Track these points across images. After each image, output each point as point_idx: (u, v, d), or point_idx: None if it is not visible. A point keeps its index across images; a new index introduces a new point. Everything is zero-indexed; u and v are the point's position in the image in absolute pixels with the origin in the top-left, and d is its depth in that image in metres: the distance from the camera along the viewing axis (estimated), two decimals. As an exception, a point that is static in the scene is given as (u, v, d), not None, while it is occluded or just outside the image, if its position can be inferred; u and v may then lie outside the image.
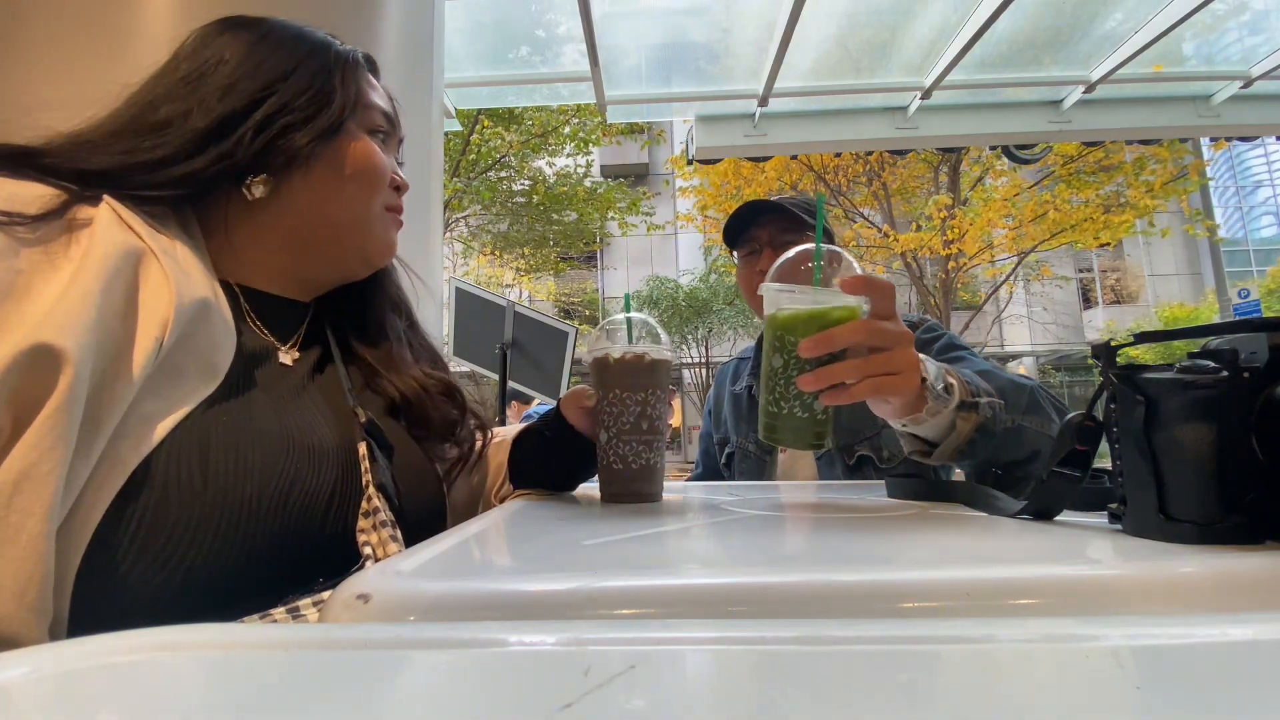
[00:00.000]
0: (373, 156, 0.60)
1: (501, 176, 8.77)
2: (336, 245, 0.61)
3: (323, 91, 0.57)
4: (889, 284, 0.62)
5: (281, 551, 0.46)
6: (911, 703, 0.19)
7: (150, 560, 0.40)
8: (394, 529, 0.53)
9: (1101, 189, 7.02)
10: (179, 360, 0.45)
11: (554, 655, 0.22)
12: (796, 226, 1.14)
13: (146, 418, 0.42)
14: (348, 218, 0.60)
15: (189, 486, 0.42)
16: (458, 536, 0.45)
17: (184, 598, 0.41)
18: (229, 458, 0.45)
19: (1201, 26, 2.54)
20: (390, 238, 0.64)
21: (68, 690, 0.20)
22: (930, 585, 0.31)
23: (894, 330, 0.60)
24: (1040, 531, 0.45)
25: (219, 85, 0.54)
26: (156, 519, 0.41)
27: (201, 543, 0.42)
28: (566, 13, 2.37)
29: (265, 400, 0.51)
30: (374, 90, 0.63)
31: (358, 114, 0.60)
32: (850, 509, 0.60)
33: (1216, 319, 10.04)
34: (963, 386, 0.68)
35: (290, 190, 0.57)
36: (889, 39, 2.44)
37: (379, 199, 0.61)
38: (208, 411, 0.46)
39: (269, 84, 0.55)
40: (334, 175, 0.58)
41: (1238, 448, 0.38)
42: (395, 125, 0.65)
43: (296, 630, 0.25)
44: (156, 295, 0.44)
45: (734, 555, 0.42)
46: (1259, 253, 18.45)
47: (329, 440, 0.53)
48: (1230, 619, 0.25)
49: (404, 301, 0.73)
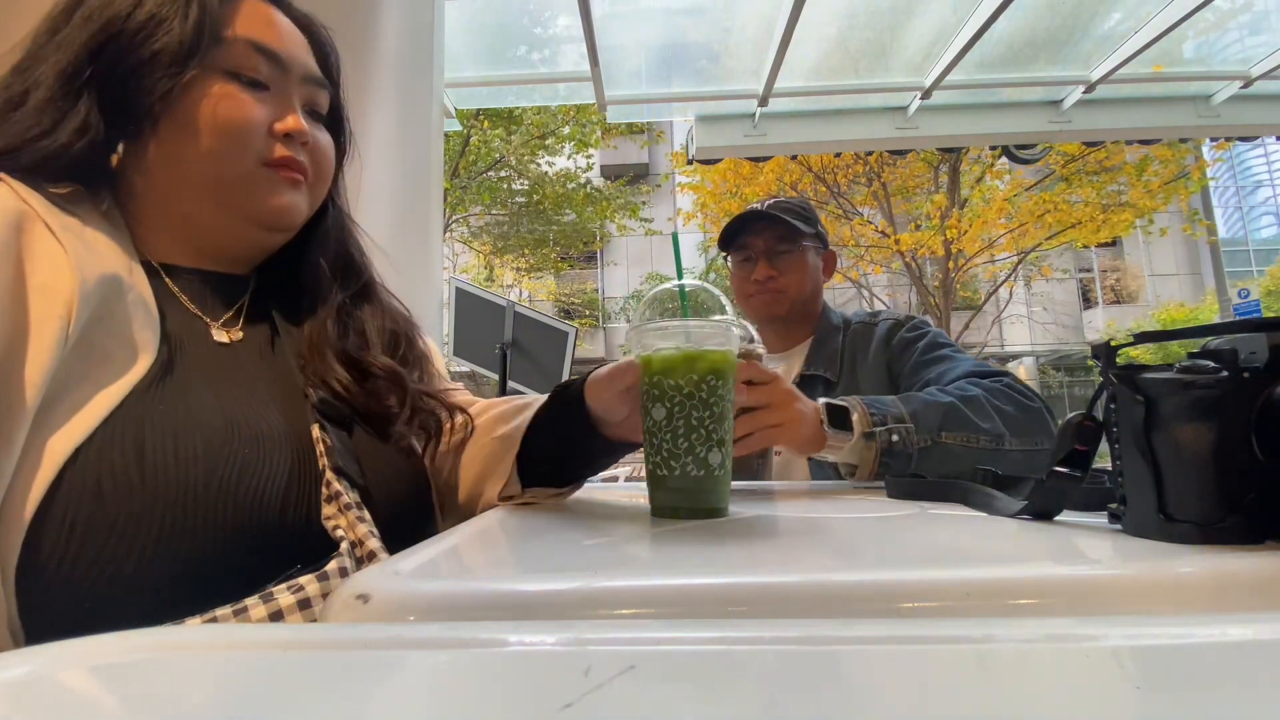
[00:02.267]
0: (220, 105, 0.50)
1: (501, 177, 8.77)
2: (214, 210, 0.53)
3: (160, 29, 0.48)
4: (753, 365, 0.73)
5: (238, 544, 0.43)
6: (911, 703, 0.19)
7: (91, 558, 0.38)
8: (360, 510, 0.49)
9: (1102, 189, 7.02)
10: (98, 341, 0.42)
11: (554, 655, 0.22)
12: (791, 236, 1.16)
13: (74, 405, 0.40)
14: (207, 179, 0.51)
15: (125, 478, 0.40)
16: (458, 536, 0.45)
17: (136, 595, 0.39)
18: (168, 445, 0.42)
19: (1201, 27, 2.54)
20: (280, 198, 0.54)
21: (68, 690, 0.20)
22: (930, 585, 0.31)
23: (773, 390, 0.73)
24: (1040, 531, 0.45)
25: (66, 38, 0.47)
26: (94, 514, 0.38)
27: (146, 537, 0.39)
28: (566, 13, 2.38)
29: (204, 384, 0.48)
30: (247, 19, 0.53)
31: (207, 53, 0.50)
32: (850, 509, 0.60)
33: (1216, 319, 10.04)
34: (863, 419, 0.78)
35: (146, 153, 0.50)
36: (889, 39, 2.45)
37: (243, 155, 0.52)
38: (142, 397, 0.43)
39: (108, 27, 0.47)
40: (181, 133, 0.49)
41: (1238, 448, 0.38)
42: (286, 62, 0.54)
43: (296, 630, 0.25)
44: (53, 274, 0.41)
45: (734, 555, 0.42)
46: (1259, 253, 18.45)
47: (278, 424, 0.49)
48: (1230, 619, 0.25)
49: (354, 267, 0.64)
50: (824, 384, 1.10)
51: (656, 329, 0.53)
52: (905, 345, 1.07)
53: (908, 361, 1.05)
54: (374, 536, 0.48)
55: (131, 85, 0.48)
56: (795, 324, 1.20)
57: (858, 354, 1.12)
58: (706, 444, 0.51)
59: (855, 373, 1.10)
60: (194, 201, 0.52)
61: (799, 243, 1.18)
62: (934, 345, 1.05)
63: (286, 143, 0.54)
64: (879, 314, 1.18)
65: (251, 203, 0.53)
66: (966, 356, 1.02)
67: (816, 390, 1.09)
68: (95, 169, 0.49)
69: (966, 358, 1.01)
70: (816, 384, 1.11)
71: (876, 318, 1.16)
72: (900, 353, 1.07)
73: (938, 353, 1.03)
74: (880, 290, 12.33)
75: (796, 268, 1.17)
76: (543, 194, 8.92)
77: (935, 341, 1.06)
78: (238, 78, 0.52)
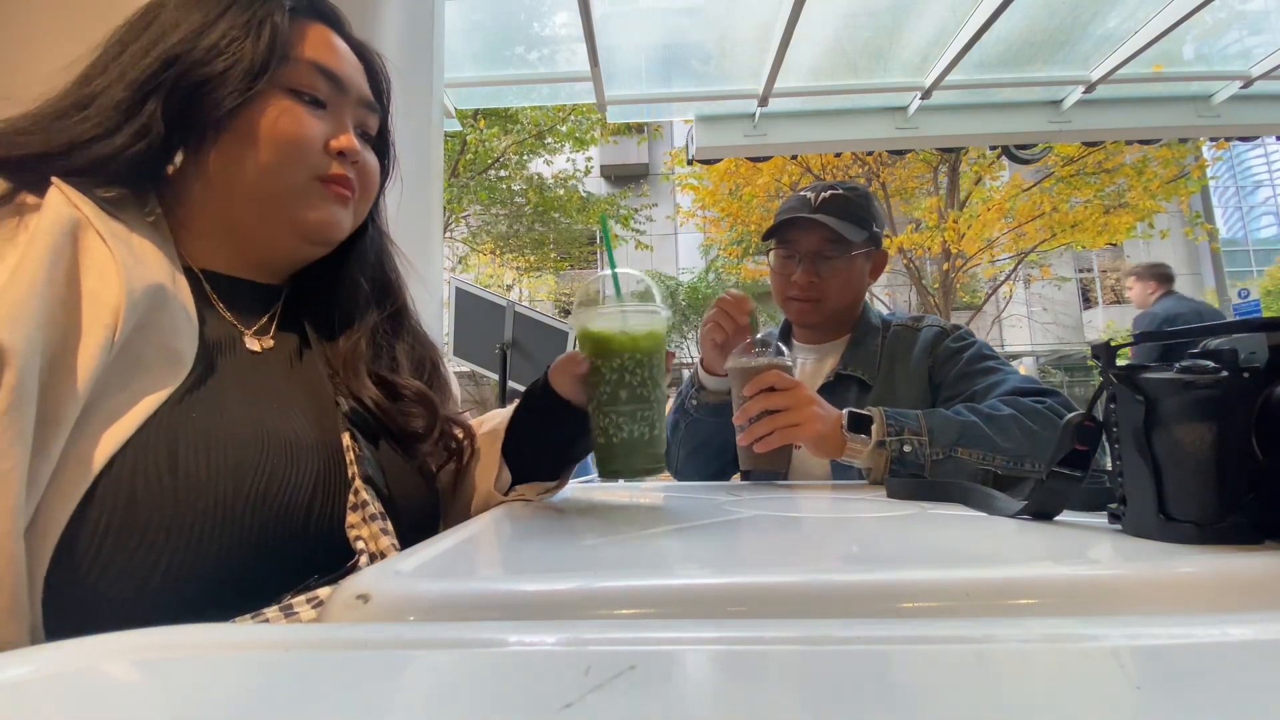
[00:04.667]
0: (282, 121, 0.52)
1: (501, 177, 8.76)
2: (265, 222, 0.54)
3: (232, 48, 0.50)
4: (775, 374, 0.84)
5: (265, 552, 0.44)
6: (911, 703, 0.19)
7: (121, 566, 0.39)
8: (384, 521, 0.51)
9: (1102, 189, 7.01)
10: (138, 350, 0.43)
11: (554, 655, 0.22)
12: (841, 241, 1.07)
13: (110, 414, 0.40)
14: (262, 191, 0.53)
15: (158, 487, 0.40)
16: (458, 536, 0.45)
17: (162, 604, 0.40)
18: (200, 456, 0.43)
19: (1201, 27, 2.54)
20: (327, 213, 0.56)
21: (68, 690, 0.20)
22: (930, 585, 0.31)
23: (794, 395, 0.83)
24: (1040, 531, 0.45)
25: (137, 51, 0.49)
26: (125, 522, 0.39)
27: (175, 546, 0.40)
28: (566, 12, 2.37)
29: (237, 392, 0.49)
30: (311, 42, 0.55)
31: (275, 72, 0.52)
32: (850, 509, 0.60)
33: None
34: (880, 428, 0.84)
35: (206, 163, 0.51)
36: (889, 39, 2.44)
37: (299, 170, 0.54)
38: (176, 406, 0.43)
39: (182, 43, 0.49)
40: (242, 144, 0.51)
41: (1238, 448, 0.38)
42: (344, 84, 0.57)
43: (296, 630, 0.25)
44: (103, 282, 0.42)
45: (734, 555, 0.42)
46: (1259, 253, 18.45)
47: (308, 433, 0.50)
48: (1230, 619, 0.25)
49: (391, 289, 0.66)
50: (858, 385, 1.07)
51: (594, 313, 0.59)
52: (950, 355, 1.04)
53: (950, 371, 1.02)
54: (396, 550, 0.49)
55: (200, 97, 0.49)
56: (832, 325, 1.15)
57: (897, 358, 1.08)
58: (642, 409, 0.58)
59: (893, 376, 1.06)
60: (245, 211, 0.54)
61: (847, 252, 1.09)
62: (979, 357, 1.02)
63: (339, 160, 0.56)
64: (922, 319, 1.13)
65: (300, 215, 0.55)
66: (1013, 371, 1.01)
67: (850, 391, 1.06)
68: (146, 174, 0.51)
69: (1014, 372, 1.00)
70: (850, 384, 1.07)
71: (920, 323, 1.12)
72: (944, 362, 1.04)
73: (983, 364, 1.01)
74: (880, 290, 12.33)
75: (840, 276, 1.10)
76: (540, 198, 8.89)
77: (981, 353, 1.03)
78: (299, 95, 0.54)
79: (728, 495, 0.72)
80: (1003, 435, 0.84)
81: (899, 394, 1.02)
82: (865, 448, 0.84)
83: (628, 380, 0.58)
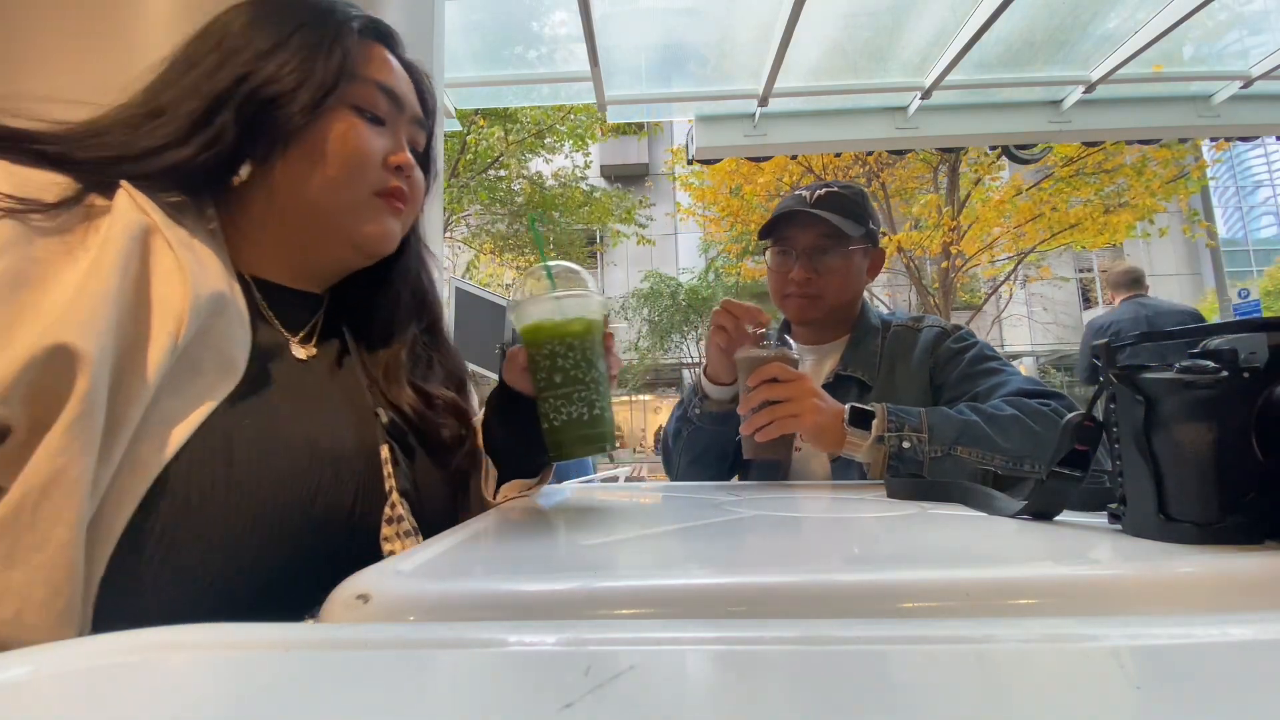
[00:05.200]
0: (349, 136, 0.54)
1: (500, 176, 8.76)
2: (323, 233, 0.56)
3: (304, 66, 0.52)
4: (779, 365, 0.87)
5: (308, 561, 0.45)
6: (911, 703, 0.19)
7: (174, 569, 0.39)
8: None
9: (1102, 189, 7.00)
10: (196, 355, 0.44)
11: (554, 655, 0.22)
12: (837, 236, 1.07)
13: (166, 418, 0.41)
14: (325, 204, 0.55)
15: (213, 494, 0.41)
16: (458, 536, 0.45)
17: (204, 608, 0.40)
18: (253, 464, 0.44)
19: (1201, 27, 2.53)
20: (382, 226, 0.58)
21: (68, 690, 0.20)
22: (930, 585, 0.31)
23: (795, 387, 0.85)
24: (1040, 531, 0.45)
25: (210, 66, 0.51)
26: (181, 527, 0.40)
27: (226, 552, 0.41)
28: (566, 12, 2.37)
29: (286, 400, 0.50)
30: (372, 61, 0.57)
31: (343, 89, 0.54)
32: (850, 509, 0.60)
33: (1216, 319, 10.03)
34: (881, 423, 0.84)
35: (272, 174, 0.53)
36: (889, 39, 2.44)
37: (361, 184, 0.56)
38: (229, 412, 0.44)
39: (254, 61, 0.52)
40: (309, 158, 0.54)
41: (1238, 448, 0.38)
42: (401, 102, 0.59)
43: (296, 630, 0.25)
44: (170, 288, 0.43)
45: (734, 555, 0.42)
46: (1259, 253, 18.44)
47: (350, 443, 0.52)
48: (1230, 619, 0.25)
49: (428, 301, 0.68)
50: (858, 386, 1.06)
51: (521, 306, 0.60)
52: (951, 356, 1.04)
53: (952, 372, 1.02)
54: None
55: (270, 112, 0.51)
56: (830, 323, 1.14)
57: (897, 359, 1.07)
58: (579, 390, 0.59)
59: (893, 378, 1.05)
60: (305, 221, 0.55)
61: (845, 246, 1.08)
62: (982, 358, 1.02)
63: (396, 174, 0.58)
64: (922, 319, 1.13)
65: (357, 228, 0.57)
66: (1016, 371, 1.00)
67: (850, 392, 1.05)
68: (211, 183, 0.52)
69: (1016, 373, 0.99)
70: (851, 386, 1.06)
71: (920, 323, 1.11)
72: (945, 363, 1.03)
73: (986, 365, 1.00)
74: (880, 290, 12.33)
75: (838, 271, 1.09)
76: (541, 197, 8.88)
77: (983, 354, 1.02)
78: (362, 112, 0.56)
79: (728, 495, 0.72)
80: (1003, 435, 0.84)
81: (899, 395, 1.02)
82: (865, 442, 0.84)
83: (560, 364, 0.59)
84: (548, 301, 0.60)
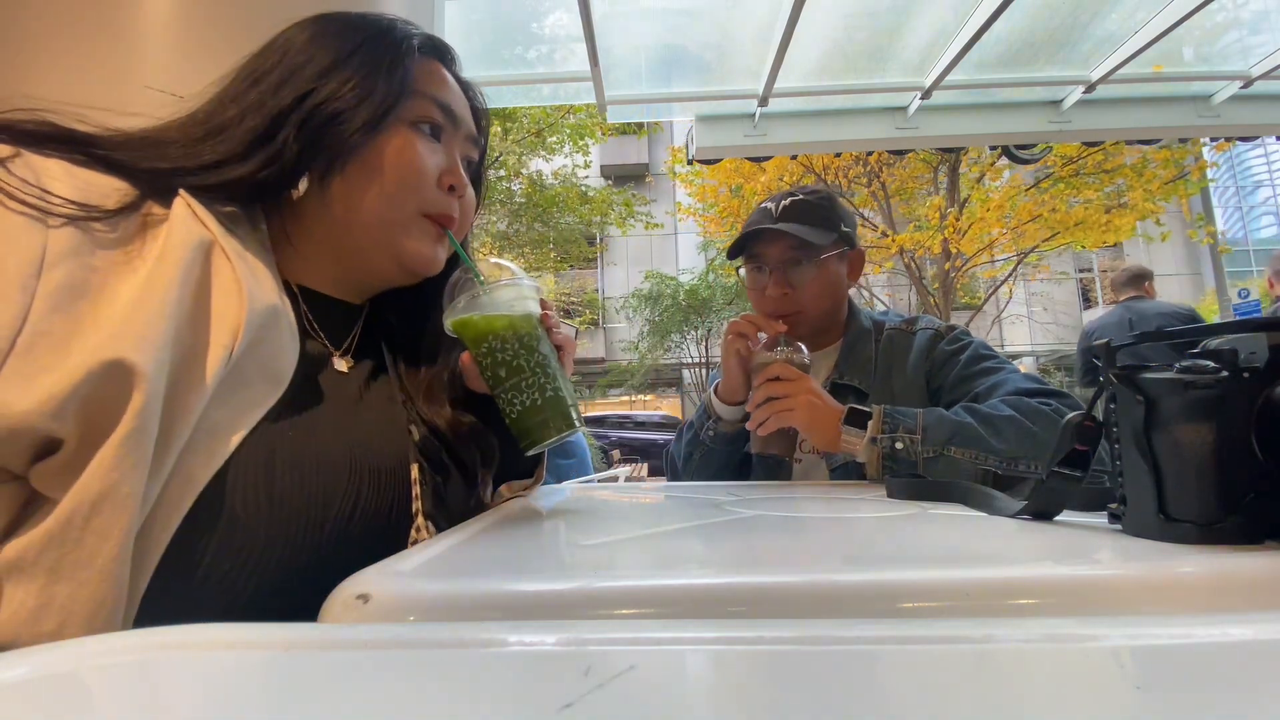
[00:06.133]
0: (405, 151, 0.54)
1: (500, 176, 8.75)
2: (371, 246, 0.56)
3: (365, 83, 0.52)
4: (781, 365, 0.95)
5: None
6: (911, 703, 0.19)
7: (216, 585, 0.40)
8: None
9: (1102, 189, 7.00)
10: (244, 367, 0.43)
11: (554, 655, 0.22)
12: (806, 247, 1.06)
13: (213, 429, 0.41)
14: (373, 220, 0.54)
15: (255, 508, 0.42)
16: (457, 536, 0.45)
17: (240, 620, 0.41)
18: (295, 479, 0.44)
19: (1201, 27, 2.53)
20: (424, 249, 0.57)
21: (68, 690, 0.20)
22: (930, 585, 0.31)
23: (795, 386, 0.92)
24: (1040, 531, 0.45)
25: (273, 83, 0.52)
26: (225, 540, 0.40)
27: (267, 565, 0.41)
28: (566, 12, 2.37)
29: (328, 414, 0.50)
30: (430, 78, 0.57)
31: (401, 106, 0.54)
32: (850, 509, 0.60)
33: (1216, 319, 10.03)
34: (876, 424, 0.87)
35: (328, 188, 0.53)
36: (889, 39, 2.44)
37: (411, 202, 0.55)
38: (273, 424, 0.44)
39: (316, 78, 0.52)
40: (365, 174, 0.54)
41: (1238, 448, 0.38)
42: (457, 119, 0.59)
43: (296, 630, 0.25)
44: (227, 300, 0.43)
45: (734, 555, 0.42)
46: (1259, 253, 18.42)
47: (386, 460, 0.52)
48: (1230, 619, 0.25)
49: None
50: (855, 395, 1.05)
51: (451, 310, 0.59)
52: (947, 358, 1.03)
53: (949, 375, 1.01)
54: None
55: (331, 128, 0.51)
56: (818, 330, 1.12)
57: (893, 364, 1.06)
58: (524, 379, 0.58)
59: (890, 382, 1.05)
60: (358, 235, 0.55)
61: (816, 256, 1.05)
62: (977, 358, 1.01)
63: (448, 195, 0.58)
64: (916, 320, 1.11)
65: (404, 247, 0.56)
66: (1015, 370, 0.99)
67: (848, 401, 1.03)
68: (263, 195, 0.52)
69: (1015, 371, 0.98)
70: (848, 395, 1.04)
71: (914, 325, 1.10)
72: (941, 365, 1.03)
73: (982, 364, 0.99)
74: (880, 290, 12.32)
75: (814, 282, 1.06)
76: (540, 195, 8.88)
77: (978, 354, 1.02)
78: (419, 129, 0.56)
79: (727, 495, 0.72)
80: (997, 436, 0.84)
81: (897, 402, 1.01)
82: (860, 441, 0.87)
83: (500, 359, 0.58)
84: (470, 301, 0.59)
